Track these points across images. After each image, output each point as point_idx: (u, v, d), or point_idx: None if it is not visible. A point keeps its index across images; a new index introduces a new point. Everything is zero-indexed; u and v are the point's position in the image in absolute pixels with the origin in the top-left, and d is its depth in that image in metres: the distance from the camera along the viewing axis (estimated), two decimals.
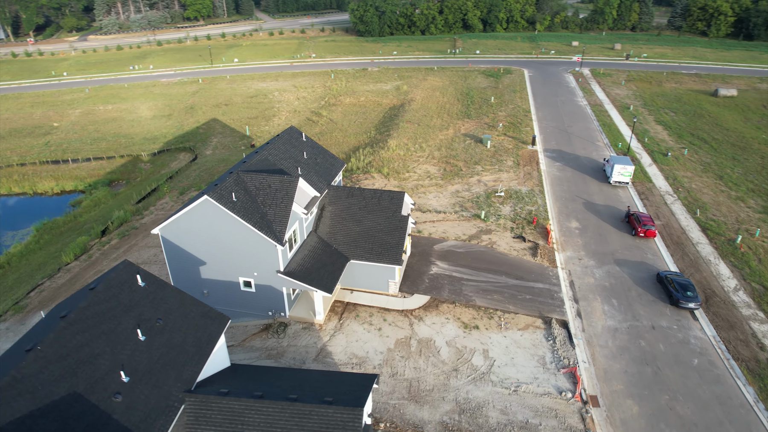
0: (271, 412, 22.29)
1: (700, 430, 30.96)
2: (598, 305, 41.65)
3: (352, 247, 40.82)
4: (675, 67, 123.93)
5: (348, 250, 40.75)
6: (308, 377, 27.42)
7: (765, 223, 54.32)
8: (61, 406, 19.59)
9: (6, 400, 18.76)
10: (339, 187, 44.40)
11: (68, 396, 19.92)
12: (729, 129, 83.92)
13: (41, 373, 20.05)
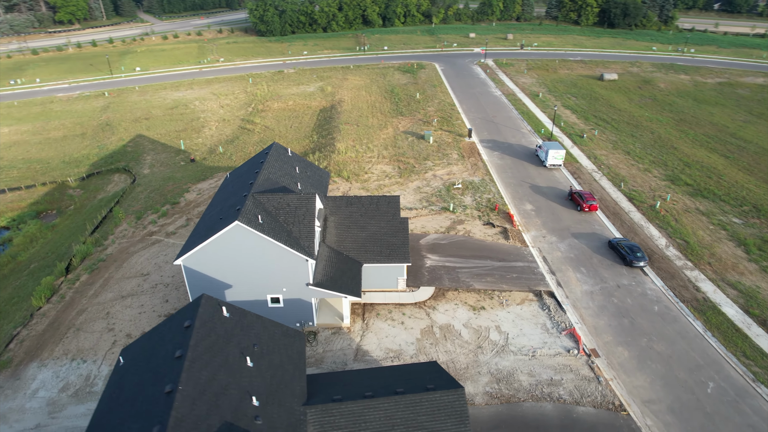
0: (387, 407, 25.37)
1: (675, 360, 39.04)
2: (572, 274, 49.02)
3: (362, 252, 43.81)
4: (563, 55, 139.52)
5: (359, 256, 43.68)
6: (382, 374, 30.54)
7: (671, 189, 66.09)
8: None
9: None
10: (337, 198, 46.90)
11: (224, 426, 21.36)
12: (621, 109, 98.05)
13: (193, 410, 21.19)
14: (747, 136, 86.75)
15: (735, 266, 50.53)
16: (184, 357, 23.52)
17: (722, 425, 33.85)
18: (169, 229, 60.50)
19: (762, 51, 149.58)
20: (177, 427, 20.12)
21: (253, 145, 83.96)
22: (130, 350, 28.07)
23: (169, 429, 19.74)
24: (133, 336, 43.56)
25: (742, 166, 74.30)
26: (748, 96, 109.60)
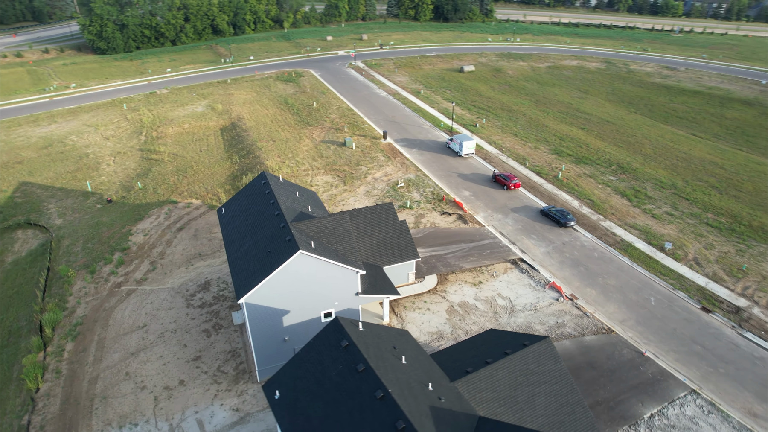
0: (507, 366, 32.39)
1: (624, 288, 52.48)
2: (527, 242, 60.47)
3: (377, 257, 49.20)
4: (419, 51, 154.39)
5: (375, 260, 49.01)
6: (471, 346, 37.25)
7: (560, 161, 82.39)
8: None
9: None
10: (340, 213, 51.11)
11: (435, 410, 26.34)
12: (489, 97, 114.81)
13: (409, 402, 25.69)
14: (586, 110, 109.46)
15: (628, 213, 67.18)
16: (369, 367, 27.59)
17: (670, 323, 47.70)
18: (136, 276, 57.74)
19: (565, 37, 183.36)
20: (417, 420, 24.78)
21: (172, 175, 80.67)
22: (277, 382, 30.54)
23: (414, 422, 24.36)
24: (172, 388, 43.21)
25: (596, 135, 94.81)
26: (571, 76, 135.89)
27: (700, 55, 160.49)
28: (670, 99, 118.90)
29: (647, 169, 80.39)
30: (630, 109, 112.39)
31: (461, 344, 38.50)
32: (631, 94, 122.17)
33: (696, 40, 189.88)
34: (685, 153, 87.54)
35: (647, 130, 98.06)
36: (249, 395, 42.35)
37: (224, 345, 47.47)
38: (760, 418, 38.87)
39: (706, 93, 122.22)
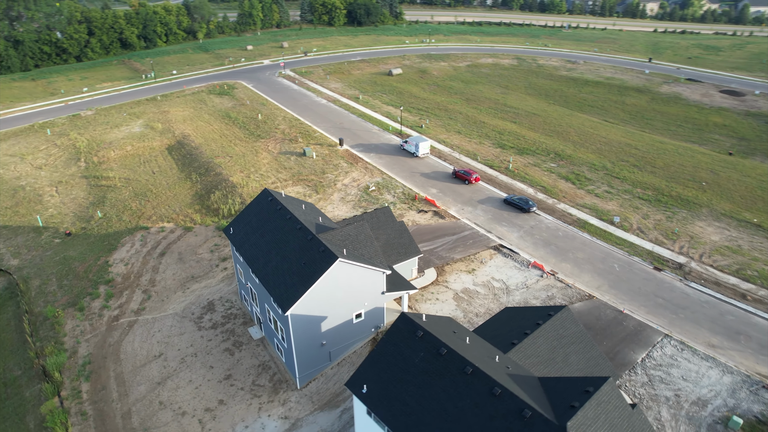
0: (544, 334, 38.04)
1: (591, 259, 60.93)
2: (500, 228, 67.35)
3: (385, 257, 53.03)
4: (344, 57, 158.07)
5: (386, 260, 52.82)
6: (501, 323, 42.54)
7: (505, 153, 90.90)
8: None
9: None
10: (345, 221, 54.19)
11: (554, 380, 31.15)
12: (423, 98, 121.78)
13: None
14: (512, 104, 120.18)
15: (575, 195, 76.71)
16: (450, 350, 31.66)
17: (635, 283, 56.63)
18: (132, 306, 56.52)
19: (474, 36, 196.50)
20: (508, 386, 29.40)
21: (132, 200, 77.87)
22: (359, 379, 33.57)
23: (508, 387, 29.05)
24: (213, 409, 44.18)
25: (527, 127, 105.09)
26: (490, 73, 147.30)
27: (592, 49, 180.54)
28: (579, 90, 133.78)
29: (579, 154, 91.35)
30: (548, 101, 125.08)
31: (487, 324, 43.73)
32: (546, 87, 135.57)
33: (583, 35, 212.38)
34: (604, 138, 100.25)
35: (569, 120, 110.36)
36: (293, 402, 44.49)
37: (251, 360, 48.83)
38: (717, 347, 48.30)
39: (605, 83, 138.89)
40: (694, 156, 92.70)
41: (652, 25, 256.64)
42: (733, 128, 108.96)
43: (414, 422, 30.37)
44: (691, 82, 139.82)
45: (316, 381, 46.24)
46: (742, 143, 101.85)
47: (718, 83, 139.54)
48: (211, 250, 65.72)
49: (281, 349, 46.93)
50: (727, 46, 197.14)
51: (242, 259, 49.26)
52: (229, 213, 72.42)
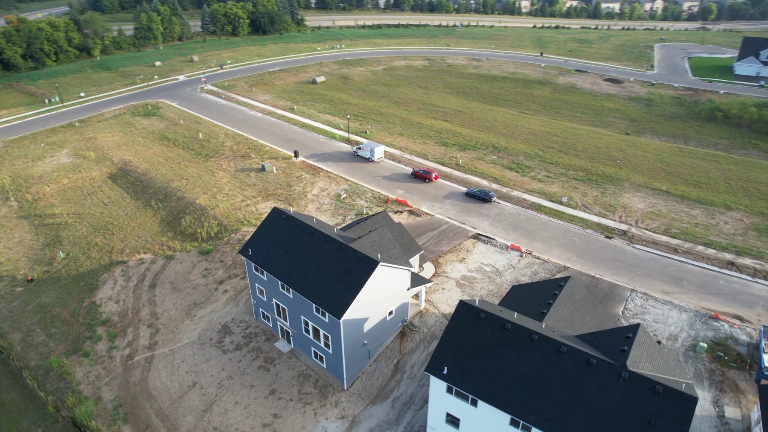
0: (564, 301, 45.45)
1: (555, 236, 70.50)
2: (471, 219, 74.80)
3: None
4: (261, 67, 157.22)
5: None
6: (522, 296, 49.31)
7: (449, 150, 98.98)
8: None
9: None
10: (346, 228, 57.75)
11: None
12: (357, 104, 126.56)
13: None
14: (437, 103, 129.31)
15: (523, 182, 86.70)
16: (514, 324, 37.50)
17: (595, 251, 66.97)
18: (142, 342, 55.47)
19: (379, 39, 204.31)
20: (568, 345, 35.90)
21: (94, 235, 73.85)
22: (438, 362, 38.20)
23: (571, 344, 35.56)
24: (270, 424, 46.10)
25: (459, 124, 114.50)
26: (407, 75, 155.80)
27: (489, 47, 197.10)
28: (491, 86, 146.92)
29: (512, 145, 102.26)
30: (467, 98, 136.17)
31: (505, 301, 50.41)
32: (461, 85, 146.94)
33: (476, 33, 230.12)
34: (526, 128, 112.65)
35: (492, 114, 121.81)
36: (344, 402, 47.80)
37: (289, 372, 51.05)
38: (670, 293, 59.59)
39: (511, 78, 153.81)
40: (602, 138, 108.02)
41: (529, 21, 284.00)
42: (622, 111, 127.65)
43: (497, 388, 35.90)
44: (580, 73, 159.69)
45: (360, 379, 49.84)
46: (633, 124, 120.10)
47: (600, 73, 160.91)
48: (204, 275, 65.48)
49: (322, 356, 49.80)
50: (595, 39, 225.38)
51: (267, 277, 51.13)
52: (208, 236, 72.05)
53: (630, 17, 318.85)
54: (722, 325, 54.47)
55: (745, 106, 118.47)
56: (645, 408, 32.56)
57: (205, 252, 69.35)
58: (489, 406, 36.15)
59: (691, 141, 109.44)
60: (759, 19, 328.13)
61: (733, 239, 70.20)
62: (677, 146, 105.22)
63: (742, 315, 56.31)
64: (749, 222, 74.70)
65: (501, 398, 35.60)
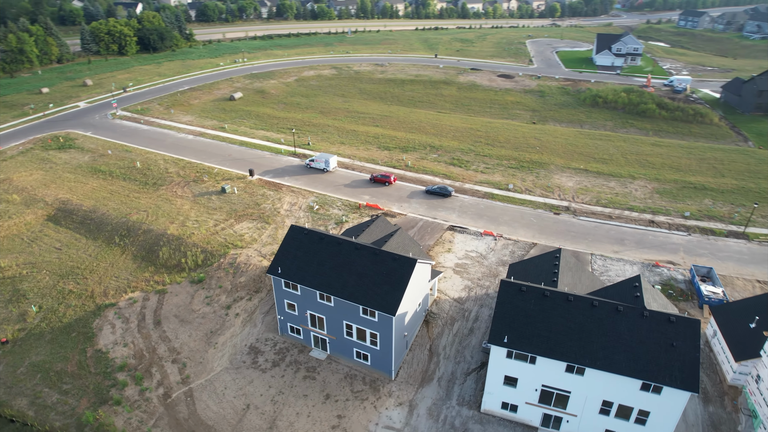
0: (565, 268, 54.91)
1: (517, 219, 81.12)
2: (438, 213, 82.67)
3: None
4: (168, 87, 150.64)
5: None
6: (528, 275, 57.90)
7: (393, 154, 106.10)
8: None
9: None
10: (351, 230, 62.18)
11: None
12: (285, 117, 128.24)
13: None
14: (360, 110, 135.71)
15: (469, 175, 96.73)
16: (553, 293, 45.65)
17: (551, 227, 78.67)
18: (174, 379, 54.98)
19: (276, 50, 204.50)
20: (599, 298, 44.92)
21: (64, 282, 69.02)
22: (497, 333, 45.04)
23: (601, 296, 44.59)
24: (338, 425, 49.69)
25: (390, 128, 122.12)
26: (320, 84, 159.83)
27: (386, 52, 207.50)
28: (402, 89, 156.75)
29: (445, 143, 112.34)
30: (385, 103, 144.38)
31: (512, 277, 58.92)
32: (375, 91, 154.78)
33: (367, 38, 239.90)
34: (450, 126, 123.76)
35: (414, 116, 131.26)
36: (397, 390, 52.78)
37: (335, 376, 54.60)
38: (619, 252, 72.82)
39: (418, 80, 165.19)
40: (517, 129, 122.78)
41: (409, 23, 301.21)
42: (523, 104, 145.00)
43: (552, 344, 43.82)
44: (475, 71, 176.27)
45: (403, 368, 55.02)
46: (536, 114, 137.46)
47: (492, 69, 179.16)
48: (207, 303, 65.38)
49: (366, 354, 54.09)
50: (473, 38, 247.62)
51: (302, 290, 54.00)
52: (195, 264, 71.31)
53: (494, 16, 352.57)
54: (662, 270, 68.54)
55: (617, 92, 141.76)
56: (666, 335, 42.61)
57: (197, 281, 68.81)
58: (547, 360, 44.02)
59: (585, 125, 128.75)
60: (591, 16, 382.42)
61: (646, 202, 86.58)
62: (577, 130, 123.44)
63: (672, 260, 71.16)
64: (651, 187, 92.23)
65: (557, 351, 43.60)
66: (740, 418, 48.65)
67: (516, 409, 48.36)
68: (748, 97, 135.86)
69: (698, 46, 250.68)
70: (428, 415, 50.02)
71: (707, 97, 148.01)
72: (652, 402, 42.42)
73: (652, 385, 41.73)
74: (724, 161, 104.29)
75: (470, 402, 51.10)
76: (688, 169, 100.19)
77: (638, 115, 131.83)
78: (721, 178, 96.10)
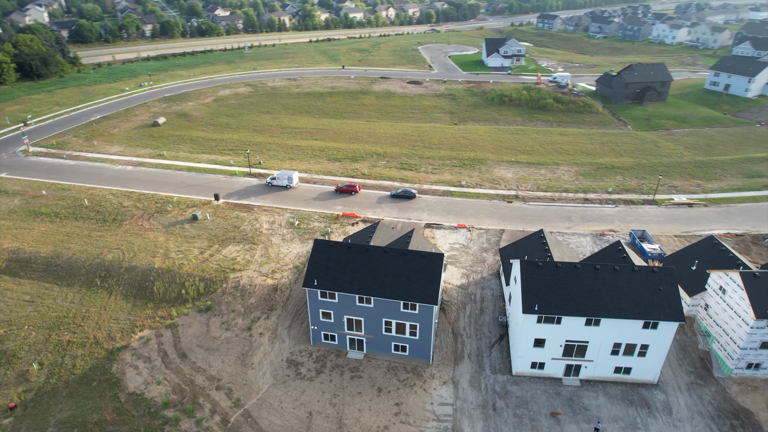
0: (553, 244, 65.63)
1: (479, 211, 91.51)
2: (413, 213, 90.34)
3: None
4: (75, 118, 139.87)
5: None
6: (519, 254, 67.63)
7: (345, 164, 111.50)
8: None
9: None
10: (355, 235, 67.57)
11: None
12: (222, 139, 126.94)
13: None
14: (293, 125, 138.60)
15: (423, 177, 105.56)
16: (565, 264, 55.53)
17: (508, 214, 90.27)
18: (225, 405, 56.25)
19: (181, 71, 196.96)
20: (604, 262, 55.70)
21: (55, 334, 65.01)
22: (530, 302, 53.83)
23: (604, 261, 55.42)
24: (398, 412, 55.24)
25: (331, 140, 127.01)
26: (241, 103, 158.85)
27: (294, 65, 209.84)
28: (324, 102, 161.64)
29: (387, 149, 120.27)
30: (314, 116, 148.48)
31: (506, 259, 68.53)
32: (298, 105, 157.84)
33: (267, 53, 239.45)
34: (385, 133, 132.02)
35: (348, 126, 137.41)
36: (437, 372, 59.40)
37: (378, 371, 59.76)
38: (571, 228, 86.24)
39: (335, 92, 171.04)
40: (444, 131, 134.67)
41: (300, 35, 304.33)
42: (439, 107, 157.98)
43: (573, 305, 53.69)
44: (385, 79, 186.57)
45: (435, 353, 61.78)
46: (454, 115, 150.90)
47: (399, 77, 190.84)
48: (226, 328, 66.32)
49: (405, 345, 60.00)
50: (368, 47, 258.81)
51: (340, 297, 58.35)
52: (197, 293, 71.25)
53: (377, 24, 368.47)
54: (608, 238, 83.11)
55: (518, 90, 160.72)
56: (653, 283, 54.59)
57: (205, 309, 69.08)
58: (570, 319, 53.89)
59: (499, 122, 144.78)
60: (463, 20, 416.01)
61: (575, 184, 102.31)
62: (494, 127, 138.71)
63: (612, 228, 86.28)
64: (574, 171, 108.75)
65: (577, 309, 53.57)
66: (698, 339, 62.93)
67: (543, 366, 57.69)
68: (618, 88, 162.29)
69: (558, 45, 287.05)
70: (471, 387, 57.45)
71: (586, 90, 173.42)
72: (651, 336, 54.15)
73: (651, 323, 53.41)
74: (618, 143, 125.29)
75: (501, 369, 59.52)
76: (594, 153, 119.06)
77: (540, 109, 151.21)
78: (621, 158, 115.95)
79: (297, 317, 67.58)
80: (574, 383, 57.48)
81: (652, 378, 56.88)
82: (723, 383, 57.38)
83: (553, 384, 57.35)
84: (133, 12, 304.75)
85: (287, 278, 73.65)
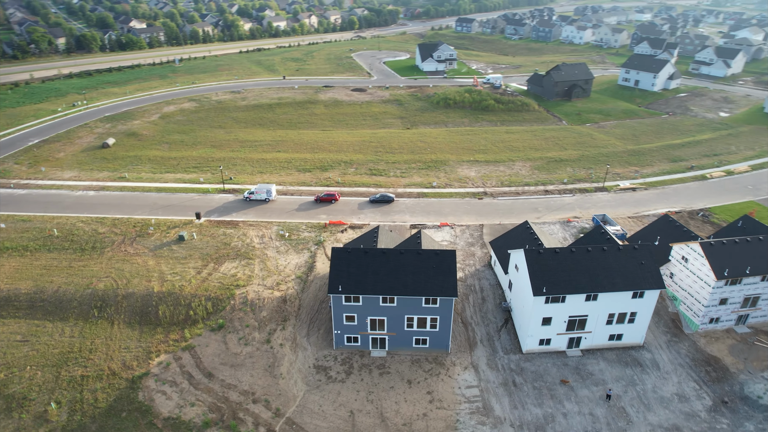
0: (541, 231, 73.13)
1: (457, 210, 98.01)
2: (396, 216, 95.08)
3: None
4: (15, 141, 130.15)
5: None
6: (511, 245, 74.45)
7: (316, 174, 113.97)
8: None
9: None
10: (361, 238, 71.44)
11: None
12: (182, 157, 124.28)
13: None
14: (250, 138, 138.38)
15: (395, 181, 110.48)
16: (580, 249, 62.84)
17: (483, 210, 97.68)
18: (265, 416, 57.98)
19: (113, 88, 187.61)
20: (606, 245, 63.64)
21: (64, 370, 62.80)
22: (540, 286, 60.48)
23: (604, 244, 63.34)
24: (432, 400, 59.86)
25: (294, 151, 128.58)
26: (189, 118, 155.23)
27: (232, 78, 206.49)
28: (275, 114, 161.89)
29: (352, 157, 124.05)
30: (268, 128, 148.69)
31: (499, 250, 75.30)
32: (249, 118, 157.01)
33: (199, 66, 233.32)
34: (345, 141, 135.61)
35: (306, 137, 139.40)
36: (456, 359, 64.60)
37: (403, 365, 63.97)
38: (540, 218, 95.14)
39: (284, 103, 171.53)
40: (400, 136, 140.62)
41: (226, 46, 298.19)
42: (389, 113, 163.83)
43: (574, 284, 61.07)
44: (329, 88, 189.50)
45: (451, 342, 66.98)
46: (404, 120, 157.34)
47: (342, 85, 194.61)
48: (245, 343, 67.41)
49: (425, 338, 64.66)
50: (301, 56, 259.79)
51: (364, 300, 61.91)
52: (206, 313, 71.47)
53: (302, 32, 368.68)
54: (574, 224, 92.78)
55: (461, 93, 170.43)
56: (636, 258, 63.37)
57: (218, 327, 69.60)
58: (573, 297, 61.28)
59: (448, 124, 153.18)
60: (384, 26, 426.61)
61: (533, 178, 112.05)
62: (445, 129, 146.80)
63: (576, 215, 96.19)
64: (529, 165, 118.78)
65: (580, 287, 61.05)
66: (668, 303, 73.16)
67: (549, 341, 64.77)
68: (548, 87, 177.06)
69: (479, 47, 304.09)
70: (490, 368, 63.28)
71: (519, 90, 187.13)
72: (638, 305, 62.84)
73: (638, 293, 62.07)
74: (559, 138, 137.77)
75: (512, 349, 65.92)
76: (541, 148, 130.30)
77: (483, 110, 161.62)
78: (566, 151, 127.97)
79: (313, 325, 70.02)
80: (576, 354, 65.07)
81: (639, 341, 65.79)
82: (693, 338, 67.52)
83: (560, 356, 64.57)
84: (35, 24, 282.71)
85: (293, 288, 75.64)
